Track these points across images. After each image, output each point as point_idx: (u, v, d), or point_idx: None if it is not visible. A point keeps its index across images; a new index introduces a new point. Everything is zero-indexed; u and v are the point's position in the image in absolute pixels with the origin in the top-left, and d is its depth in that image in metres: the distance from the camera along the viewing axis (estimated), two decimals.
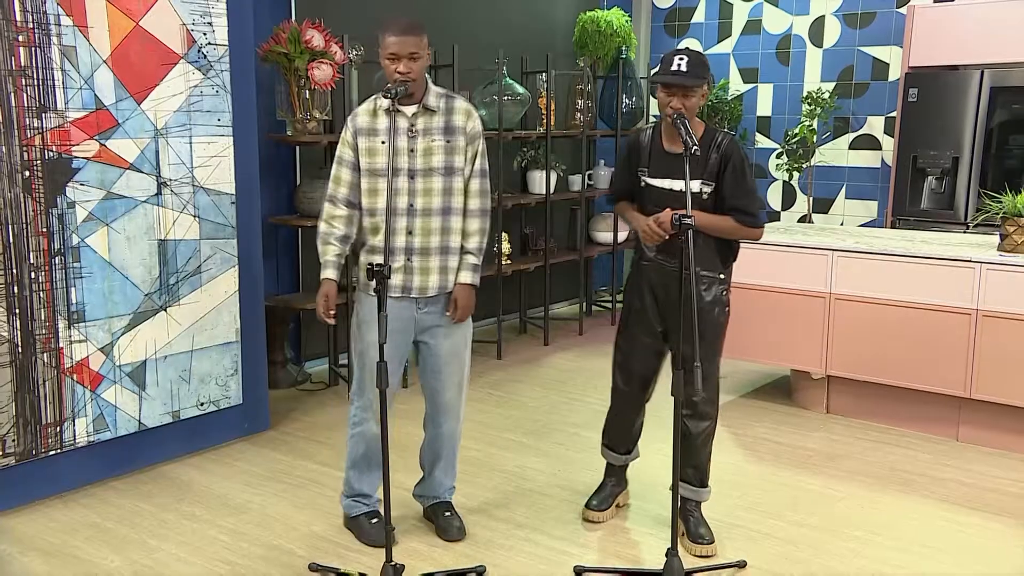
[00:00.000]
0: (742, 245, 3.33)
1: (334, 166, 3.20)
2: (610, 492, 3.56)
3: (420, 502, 3.51)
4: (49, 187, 3.54)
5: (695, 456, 3.29)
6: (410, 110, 3.12)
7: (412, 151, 3.13)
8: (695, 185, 3.16)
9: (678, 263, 2.91)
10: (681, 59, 3.05)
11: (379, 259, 3.13)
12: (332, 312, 3.17)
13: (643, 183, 3.26)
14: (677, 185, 3.16)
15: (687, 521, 3.31)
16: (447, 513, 3.42)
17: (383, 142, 3.11)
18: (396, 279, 3.16)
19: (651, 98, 7.53)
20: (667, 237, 3.10)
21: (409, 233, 3.15)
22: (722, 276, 3.26)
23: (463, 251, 3.25)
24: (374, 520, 3.33)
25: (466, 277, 3.24)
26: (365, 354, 3.23)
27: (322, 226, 3.20)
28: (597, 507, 3.50)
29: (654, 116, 7.57)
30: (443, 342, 3.26)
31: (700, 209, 3.12)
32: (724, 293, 3.27)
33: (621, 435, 3.52)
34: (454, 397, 3.33)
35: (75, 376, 3.68)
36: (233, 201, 4.16)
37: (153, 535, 3.37)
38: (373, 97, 3.18)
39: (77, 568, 3.13)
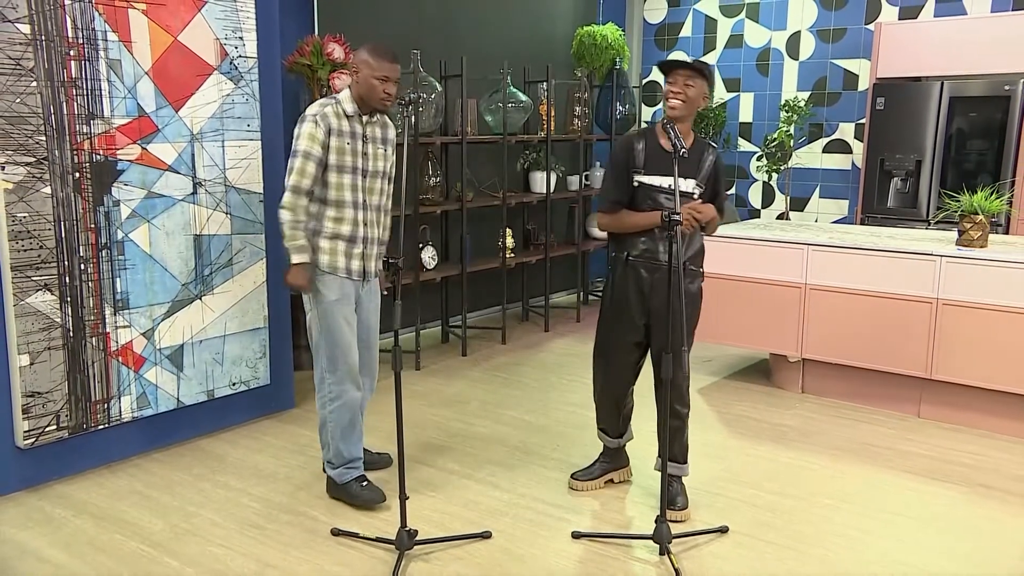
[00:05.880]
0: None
1: (300, 159, 3.16)
2: (598, 468, 3.58)
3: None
4: (97, 187, 3.57)
5: (681, 436, 3.33)
6: (365, 119, 3.29)
7: (365, 154, 3.30)
8: (690, 184, 3.19)
9: (667, 255, 3.02)
10: (683, 60, 3.17)
11: (343, 246, 3.28)
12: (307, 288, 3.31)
13: (636, 183, 3.18)
14: (670, 183, 3.13)
15: (669, 490, 3.32)
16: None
17: (348, 143, 3.24)
18: (355, 264, 3.33)
19: (643, 105, 7.55)
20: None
21: (364, 224, 3.33)
22: (703, 271, 3.33)
23: (378, 242, 3.45)
24: (364, 483, 3.40)
25: (380, 264, 3.44)
26: (337, 332, 3.32)
27: (287, 215, 3.18)
28: (580, 478, 3.54)
29: (646, 122, 7.59)
30: (372, 317, 3.50)
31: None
32: (702, 285, 3.35)
33: (612, 422, 3.52)
34: (376, 357, 3.59)
35: (120, 358, 3.73)
36: (261, 200, 4.19)
37: (191, 502, 3.42)
38: (332, 102, 3.24)
39: (124, 530, 3.18)
